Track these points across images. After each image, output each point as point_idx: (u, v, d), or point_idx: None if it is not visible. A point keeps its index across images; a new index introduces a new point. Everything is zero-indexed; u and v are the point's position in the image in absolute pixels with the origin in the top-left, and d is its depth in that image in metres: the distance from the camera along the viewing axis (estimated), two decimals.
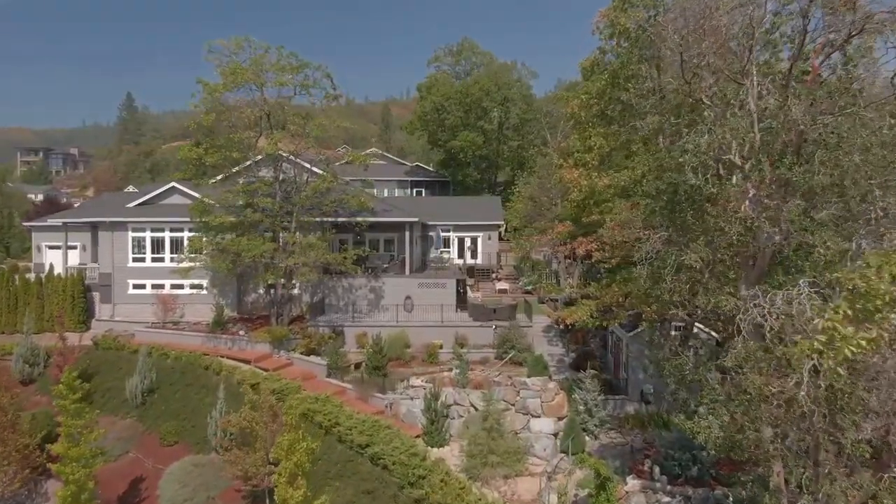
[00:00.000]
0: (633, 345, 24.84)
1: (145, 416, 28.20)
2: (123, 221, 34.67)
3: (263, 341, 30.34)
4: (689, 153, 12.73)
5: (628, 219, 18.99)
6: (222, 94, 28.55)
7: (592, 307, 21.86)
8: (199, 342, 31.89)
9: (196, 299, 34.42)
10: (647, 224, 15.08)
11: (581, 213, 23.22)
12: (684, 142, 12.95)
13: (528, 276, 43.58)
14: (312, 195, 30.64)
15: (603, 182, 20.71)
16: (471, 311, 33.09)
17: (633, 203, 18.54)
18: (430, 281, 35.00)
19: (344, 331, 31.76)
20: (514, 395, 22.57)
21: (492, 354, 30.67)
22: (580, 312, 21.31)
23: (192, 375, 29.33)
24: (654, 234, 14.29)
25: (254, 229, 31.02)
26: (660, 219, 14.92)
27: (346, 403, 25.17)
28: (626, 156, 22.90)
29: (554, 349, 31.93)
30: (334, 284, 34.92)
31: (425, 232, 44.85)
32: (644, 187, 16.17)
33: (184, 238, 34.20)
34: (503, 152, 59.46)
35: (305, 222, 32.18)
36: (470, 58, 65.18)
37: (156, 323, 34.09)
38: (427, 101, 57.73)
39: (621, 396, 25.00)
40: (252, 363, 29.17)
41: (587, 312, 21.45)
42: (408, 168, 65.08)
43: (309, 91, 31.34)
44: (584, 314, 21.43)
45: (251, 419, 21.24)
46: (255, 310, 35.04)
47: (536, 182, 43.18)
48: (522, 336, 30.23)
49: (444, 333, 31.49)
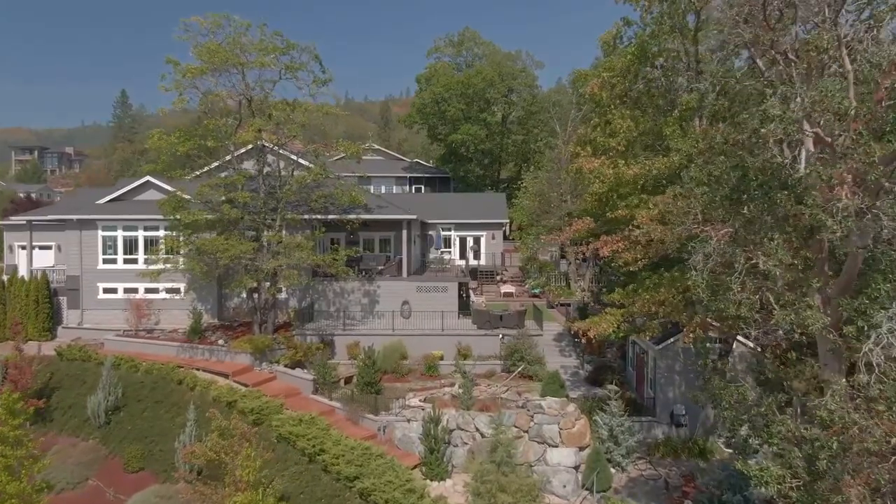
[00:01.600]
0: (661, 359, 21.72)
1: (109, 438, 25.08)
2: (92, 219, 31.53)
3: (244, 352, 27.21)
4: (774, 121, 9.65)
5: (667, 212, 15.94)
6: (196, 76, 25.37)
7: (618, 317, 18.76)
8: (173, 352, 28.78)
9: (172, 304, 31.30)
10: (707, 218, 12.01)
11: (603, 208, 20.12)
12: (766, 106, 9.86)
13: (535, 279, 40.43)
14: (298, 189, 27.54)
15: (632, 171, 17.61)
16: (474, 318, 29.98)
17: (675, 194, 15.53)
18: (429, 284, 31.88)
19: (334, 340, 28.66)
20: (528, 419, 19.43)
21: (499, 366, 27.58)
22: (604, 324, 18.23)
23: (163, 391, 26.20)
24: (716, 231, 11.20)
25: (234, 227, 27.91)
26: (722, 211, 11.84)
27: (333, 426, 22.05)
28: (655, 142, 19.82)
29: (567, 360, 28.77)
30: (324, 288, 31.80)
31: (424, 231, 41.72)
32: (693, 173, 13.17)
33: (159, 237, 31.04)
34: (507, 146, 56.27)
35: (292, 220, 29.09)
36: (472, 48, 61.99)
37: (128, 331, 31.00)
38: (426, 93, 54.56)
39: (648, 418, 21.88)
40: (230, 377, 26.04)
41: (613, 324, 18.38)
42: (406, 164, 61.92)
43: (296, 75, 28.22)
44: (610, 326, 18.36)
45: (219, 449, 18.11)
46: (237, 315, 31.91)
47: (545, 177, 40.01)
48: (532, 346, 27.13)
49: (445, 343, 28.38)
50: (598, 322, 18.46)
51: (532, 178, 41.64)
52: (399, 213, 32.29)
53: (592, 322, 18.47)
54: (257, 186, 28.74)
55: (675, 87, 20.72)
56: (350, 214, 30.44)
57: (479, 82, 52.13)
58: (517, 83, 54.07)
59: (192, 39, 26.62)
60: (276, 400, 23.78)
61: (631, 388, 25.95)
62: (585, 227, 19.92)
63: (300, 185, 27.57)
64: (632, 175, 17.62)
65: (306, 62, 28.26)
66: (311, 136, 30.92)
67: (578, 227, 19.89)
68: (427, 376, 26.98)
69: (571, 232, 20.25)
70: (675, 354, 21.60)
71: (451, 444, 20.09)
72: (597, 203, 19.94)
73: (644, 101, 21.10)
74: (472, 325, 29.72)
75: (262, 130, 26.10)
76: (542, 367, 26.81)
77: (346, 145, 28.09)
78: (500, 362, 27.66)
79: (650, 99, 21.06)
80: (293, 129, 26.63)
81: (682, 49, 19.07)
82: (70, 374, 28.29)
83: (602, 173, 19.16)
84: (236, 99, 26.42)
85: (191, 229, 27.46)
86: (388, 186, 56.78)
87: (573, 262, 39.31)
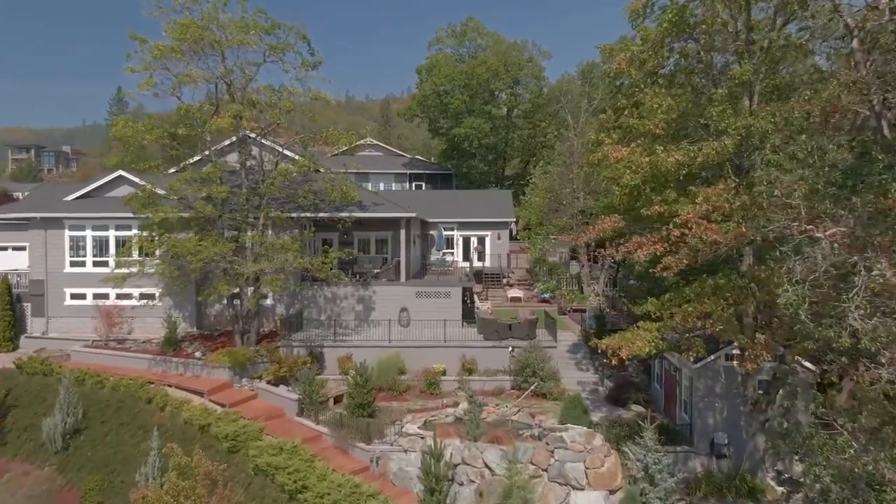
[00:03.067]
0: (700, 380, 18.70)
1: (67, 465, 22.10)
2: (58, 217, 28.57)
3: (222, 366, 24.23)
4: None
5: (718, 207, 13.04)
6: (167, 55, 22.38)
7: (654, 333, 15.74)
8: (145, 366, 25.82)
9: (147, 312, 28.25)
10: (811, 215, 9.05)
11: (635, 203, 17.11)
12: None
13: (544, 282, 37.40)
14: (283, 184, 24.58)
15: (673, 158, 14.60)
16: (480, 328, 26.96)
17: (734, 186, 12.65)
18: (430, 289, 28.89)
19: (323, 352, 25.67)
20: (547, 455, 16.41)
21: (508, 383, 24.61)
22: (639, 342, 15.22)
23: (129, 411, 23.25)
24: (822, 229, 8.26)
25: (211, 227, 24.93)
26: (829, 204, 8.85)
27: (319, 456, 19.11)
28: (696, 125, 16.77)
29: (584, 375, 25.77)
30: (314, 294, 28.83)
31: (425, 231, 38.72)
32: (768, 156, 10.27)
33: (132, 237, 28.00)
34: (513, 141, 53.15)
35: (278, 218, 26.12)
36: (475, 39, 58.84)
37: (97, 341, 28.09)
38: (427, 84, 51.49)
39: (684, 448, 18.84)
40: (206, 395, 23.08)
41: (649, 341, 15.38)
42: (406, 160, 58.87)
43: (281, 57, 25.22)
44: (646, 345, 15.37)
45: (178, 492, 15.12)
46: (219, 324, 28.95)
47: (556, 171, 36.93)
48: (546, 359, 24.13)
49: (447, 356, 25.39)
50: (630, 339, 15.46)
51: (542, 174, 38.51)
52: (397, 211, 29.30)
53: (624, 339, 15.47)
54: (240, 181, 25.83)
55: (716, 62, 17.74)
56: (343, 212, 27.47)
57: (483, 73, 49.06)
58: (523, 74, 50.96)
59: (164, 16, 23.68)
60: (255, 424, 20.81)
61: (658, 409, 22.95)
62: (612, 226, 16.88)
63: (285, 178, 24.57)
64: (673, 163, 14.61)
65: (293, 43, 25.28)
66: (299, 127, 27.93)
67: (604, 226, 16.86)
68: (427, 394, 24.00)
69: (596, 231, 17.20)
70: (715, 374, 18.61)
71: (454, 482, 17.10)
72: (626, 197, 16.92)
73: (680, 78, 18.09)
74: (477, 334, 26.73)
75: (243, 118, 23.05)
76: (556, 384, 23.85)
77: (337, 134, 25.05)
78: (509, 378, 24.68)
79: (687, 76, 18.04)
80: (276, 115, 23.60)
81: (729, 15, 16.03)
82: (29, 391, 25.31)
83: (634, 162, 16.15)
84: (213, 82, 23.40)
85: (163, 229, 24.48)
86: (386, 183, 53.82)
87: (586, 264, 36.28)
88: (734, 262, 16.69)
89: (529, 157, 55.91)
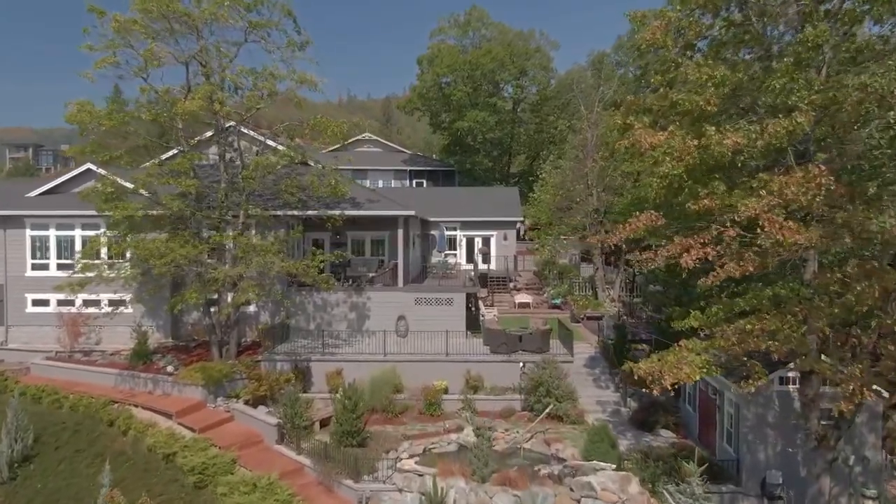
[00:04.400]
0: (749, 407, 15.79)
1: (15, 499, 19.24)
2: (18, 215, 25.78)
3: (194, 384, 21.41)
4: None
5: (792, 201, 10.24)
6: (129, 30, 19.55)
7: (703, 354, 12.77)
8: (110, 382, 23.03)
9: (118, 319, 25.38)
10: None
11: (676, 196, 14.25)
12: None
13: (554, 287, 34.51)
14: (263, 176, 21.76)
15: (730, 140, 11.72)
16: (487, 339, 24.12)
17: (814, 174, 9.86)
18: (431, 295, 26.05)
19: (310, 367, 22.85)
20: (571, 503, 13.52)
21: (518, 402, 21.79)
22: (687, 368, 12.24)
23: (88, 436, 20.48)
24: None
25: (184, 226, 22.13)
26: None
27: (299, 495, 16.32)
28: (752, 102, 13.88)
29: (604, 394, 22.90)
30: (302, 301, 26.00)
31: (425, 231, 35.88)
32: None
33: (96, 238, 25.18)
34: (519, 136, 50.23)
35: (261, 217, 23.32)
36: (479, 29, 55.89)
37: (61, 352, 25.28)
38: (429, 76, 48.63)
39: (730, 487, 15.93)
40: (174, 417, 20.28)
41: (699, 366, 12.45)
42: (406, 156, 55.96)
43: (264, 36, 22.41)
44: (695, 371, 12.39)
45: None
46: (197, 333, 26.11)
47: (569, 166, 34.00)
48: (562, 376, 21.26)
49: (449, 371, 22.56)
50: (674, 364, 12.55)
51: (554, 168, 35.54)
52: (394, 209, 26.45)
53: (666, 364, 12.57)
54: (219, 176, 23.06)
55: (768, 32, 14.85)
56: (334, 210, 24.64)
57: (488, 62, 46.17)
58: (531, 64, 48.05)
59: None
60: (226, 454, 18.03)
61: (690, 434, 20.07)
62: (649, 224, 13.99)
63: (266, 171, 21.72)
64: (730, 146, 11.74)
65: (277, 20, 22.49)
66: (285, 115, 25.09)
67: (639, 225, 13.94)
68: (427, 416, 21.16)
69: (628, 231, 14.28)
70: (767, 401, 15.72)
71: None
72: (665, 190, 14.04)
73: (725, 51, 15.20)
74: (483, 346, 23.89)
75: (215, 101, 20.21)
76: (573, 404, 20.99)
77: (325, 122, 22.22)
78: (519, 397, 21.85)
79: (735, 47, 15.15)
80: (254, 98, 20.75)
81: None
82: None
83: (675, 148, 13.26)
84: (184, 61, 20.56)
85: (130, 228, 21.69)
86: (385, 180, 50.96)
87: (601, 267, 33.38)
88: (796, 268, 13.83)
89: (536, 154, 52.99)
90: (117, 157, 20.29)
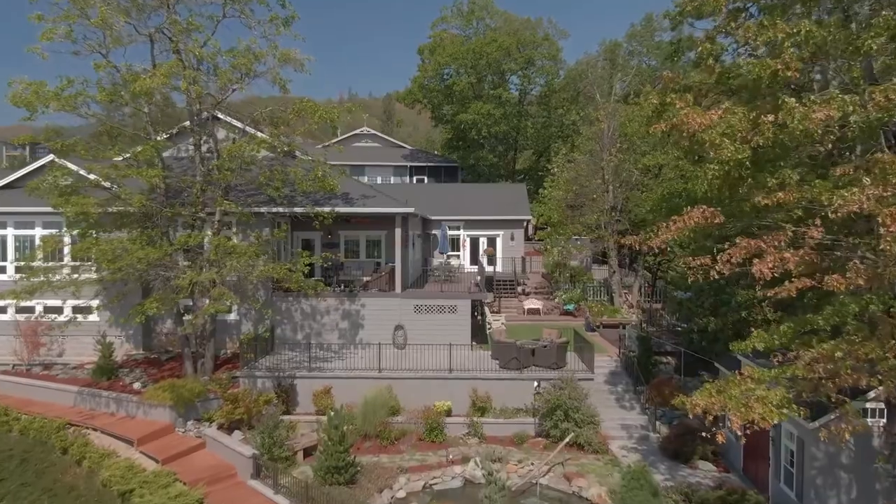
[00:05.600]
0: (817, 446, 13.04)
1: None
2: None
3: (161, 404, 18.72)
4: None
5: None
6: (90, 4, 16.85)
7: (773, 386, 10.04)
8: (70, 401, 20.38)
9: (84, 328, 22.73)
10: None
11: (737, 188, 11.52)
12: None
13: (566, 291, 31.78)
14: (239, 167, 19.07)
15: (820, 114, 9.01)
16: (495, 352, 21.42)
17: None
18: (432, 302, 23.35)
19: (295, 384, 20.17)
20: None
21: (531, 426, 19.09)
22: (760, 407, 9.40)
23: (37, 465, 17.81)
24: None
25: (153, 224, 19.44)
26: None
27: None
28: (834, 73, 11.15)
29: (628, 416, 20.17)
30: (289, 308, 23.32)
31: (426, 230, 33.19)
32: None
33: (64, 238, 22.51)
34: (525, 130, 47.45)
35: (241, 214, 20.61)
36: (483, 19, 53.13)
37: (18, 365, 22.67)
38: (430, 66, 45.90)
39: None
40: (136, 444, 17.61)
41: (779, 404, 9.68)
42: (406, 151, 53.25)
43: (243, 10, 19.74)
44: (772, 411, 9.60)
45: None
46: (172, 343, 23.45)
47: (583, 159, 31.21)
48: (582, 396, 18.54)
49: (453, 389, 19.90)
50: (738, 399, 9.79)
51: (567, 161, 32.74)
52: (391, 206, 23.74)
53: (731, 400, 9.79)
54: (192, 168, 20.41)
55: None
56: (323, 207, 21.95)
57: (493, 51, 43.40)
58: (538, 54, 45.27)
59: None
60: (193, 491, 15.32)
61: (731, 465, 17.34)
62: (701, 223, 11.26)
63: (242, 161, 19.02)
64: (819, 121, 9.03)
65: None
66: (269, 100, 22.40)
67: (691, 222, 11.18)
68: (428, 442, 18.48)
69: (674, 231, 11.53)
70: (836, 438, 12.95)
71: None
72: (720, 181, 11.33)
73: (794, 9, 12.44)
74: (491, 360, 21.20)
75: (185, 80, 17.50)
76: (595, 430, 18.28)
77: (313, 106, 19.51)
78: (532, 420, 19.15)
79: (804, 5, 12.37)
80: (228, 76, 18.01)
81: None
82: None
83: (734, 127, 10.55)
84: (147, 34, 17.85)
85: (90, 226, 19.01)
86: (384, 177, 48.27)
87: (617, 270, 30.64)
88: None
89: (544, 149, 50.21)
90: (71, 144, 17.57)
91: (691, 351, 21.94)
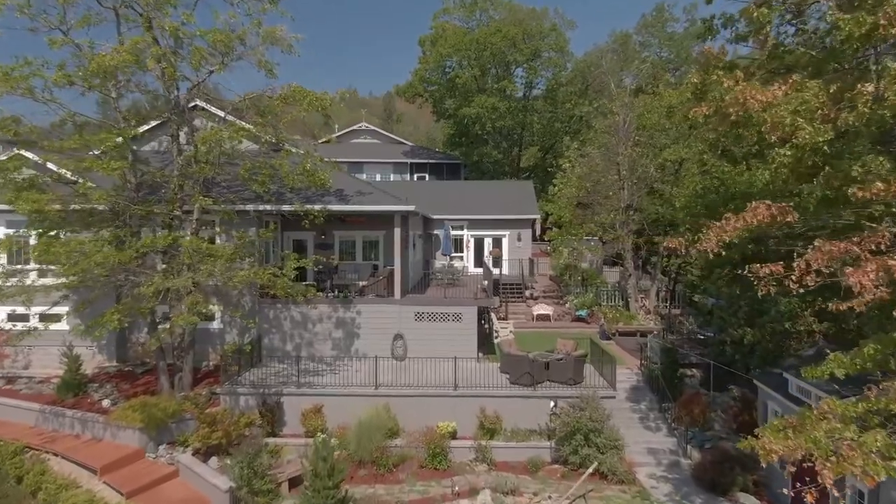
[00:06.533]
0: None
1: None
2: None
3: (131, 426, 16.61)
4: None
5: None
6: None
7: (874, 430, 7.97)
8: (31, 419, 18.28)
9: (52, 337, 20.60)
10: None
11: (807, 179, 9.47)
12: None
13: (577, 295, 29.67)
14: (218, 158, 16.97)
15: None
16: (505, 365, 19.30)
17: None
18: (435, 309, 21.24)
19: (283, 402, 18.06)
20: None
21: (546, 451, 16.95)
22: (860, 458, 7.46)
23: None
24: None
25: (122, 224, 17.33)
26: None
27: None
28: None
29: (654, 438, 18.05)
30: (277, 316, 21.22)
31: (427, 230, 31.08)
32: None
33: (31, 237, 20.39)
34: (531, 125, 45.34)
35: (223, 212, 18.51)
36: (487, 10, 50.96)
37: None
38: (432, 58, 43.79)
39: None
40: (99, 474, 15.51)
41: (884, 448, 7.68)
42: (407, 148, 51.12)
43: None
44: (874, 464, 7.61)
45: None
46: (148, 354, 21.32)
47: (598, 154, 29.05)
48: (604, 418, 16.42)
49: (458, 408, 17.79)
50: (824, 444, 7.69)
51: (579, 156, 30.54)
52: (389, 203, 21.62)
53: (819, 448, 7.67)
54: (169, 162, 18.35)
55: None
56: (315, 205, 19.85)
57: (498, 41, 41.29)
58: (545, 45, 43.13)
59: None
60: None
61: (775, 497, 15.20)
62: (767, 220, 9.18)
63: (222, 152, 16.92)
64: None
65: None
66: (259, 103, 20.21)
67: (755, 219, 9.09)
68: (430, 469, 16.36)
69: (730, 231, 9.44)
70: None
71: None
72: (791, 169, 9.27)
73: None
74: (500, 374, 19.09)
75: (152, 58, 15.39)
76: (619, 455, 16.17)
77: (302, 92, 17.40)
78: (548, 443, 17.02)
79: None
80: (201, 52, 15.87)
81: None
82: None
83: (810, 104, 8.50)
84: (108, 6, 15.73)
85: (51, 226, 16.91)
86: (384, 174, 46.18)
87: (633, 273, 28.51)
88: None
89: (550, 146, 48.11)
90: (23, 132, 15.47)
91: (721, 363, 19.82)
